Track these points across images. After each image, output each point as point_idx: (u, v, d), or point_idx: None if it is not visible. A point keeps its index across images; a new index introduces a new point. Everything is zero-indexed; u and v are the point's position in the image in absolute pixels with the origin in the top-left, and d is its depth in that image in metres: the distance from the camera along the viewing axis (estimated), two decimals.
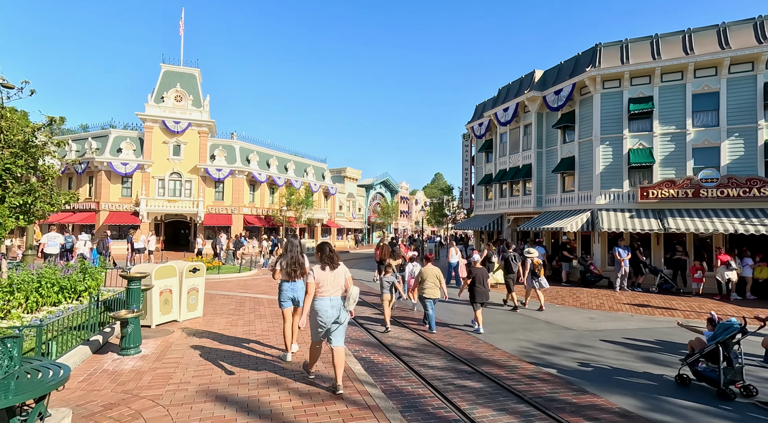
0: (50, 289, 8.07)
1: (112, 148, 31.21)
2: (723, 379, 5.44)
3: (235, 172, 33.94)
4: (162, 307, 8.16)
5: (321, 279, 4.97)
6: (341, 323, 4.99)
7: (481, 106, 25.50)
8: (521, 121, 20.74)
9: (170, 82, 33.01)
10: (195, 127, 32.84)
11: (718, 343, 5.54)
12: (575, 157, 17.83)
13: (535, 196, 19.56)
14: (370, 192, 55.75)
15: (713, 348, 5.60)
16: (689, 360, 5.84)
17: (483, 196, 24.96)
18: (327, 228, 45.11)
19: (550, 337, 8.58)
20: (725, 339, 5.53)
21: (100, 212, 30.61)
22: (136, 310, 5.89)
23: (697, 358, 5.77)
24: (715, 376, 5.55)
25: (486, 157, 24.94)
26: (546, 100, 18.72)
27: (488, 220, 23.07)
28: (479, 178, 25.33)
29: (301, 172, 41.93)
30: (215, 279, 16.12)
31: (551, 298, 13.67)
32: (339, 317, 4.95)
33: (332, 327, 4.95)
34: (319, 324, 4.92)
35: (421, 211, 35.23)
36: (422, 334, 8.48)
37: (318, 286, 4.95)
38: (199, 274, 9.03)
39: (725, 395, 5.40)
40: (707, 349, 5.68)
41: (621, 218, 15.53)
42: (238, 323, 8.65)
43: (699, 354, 5.75)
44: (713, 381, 5.60)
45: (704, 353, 5.70)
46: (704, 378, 5.72)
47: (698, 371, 5.79)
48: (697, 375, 5.82)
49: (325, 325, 4.92)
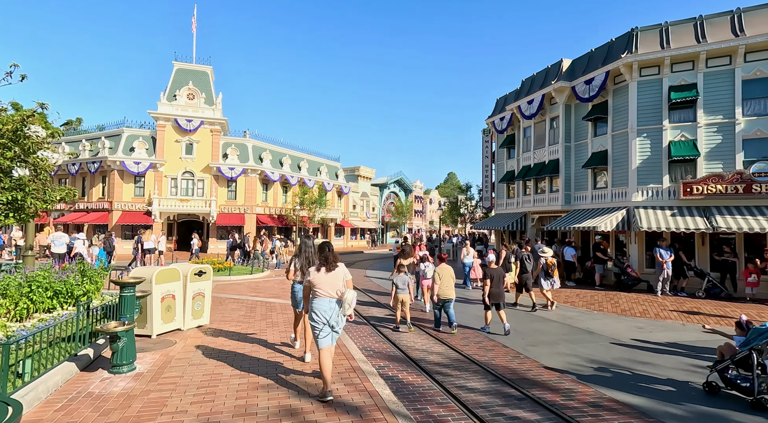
0: (42, 295, 7.32)
1: (125, 147, 30.93)
2: (757, 388, 5.03)
3: (248, 171, 33.38)
4: (164, 315, 7.35)
5: (316, 280, 4.87)
6: (337, 332, 4.93)
7: (502, 99, 24.32)
8: (547, 114, 19.54)
9: (183, 79, 32.61)
10: (207, 126, 32.39)
11: (752, 349, 5.12)
12: (608, 151, 16.58)
13: (562, 193, 18.35)
14: (384, 191, 54.85)
15: (746, 354, 5.18)
16: (719, 367, 5.44)
17: (504, 193, 23.78)
18: (340, 228, 44.35)
19: (599, 350, 7.50)
20: (761, 344, 5.10)
21: (113, 212, 30.34)
22: (128, 321, 5.05)
23: (727, 365, 5.37)
24: (748, 384, 5.15)
25: (507, 153, 23.75)
26: (575, 91, 17.50)
27: (510, 220, 21.90)
28: (500, 175, 24.15)
29: (315, 170, 41.24)
30: (225, 281, 15.37)
31: (587, 303, 12.53)
32: (337, 322, 4.85)
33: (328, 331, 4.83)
34: (317, 324, 4.80)
35: (438, 210, 34.03)
36: (454, 346, 7.49)
37: (315, 286, 4.86)
38: (205, 277, 8.21)
39: (760, 405, 4.95)
40: (739, 355, 5.25)
41: (661, 216, 14.26)
42: (248, 332, 7.79)
43: (729, 360, 5.34)
44: (746, 390, 5.18)
45: (735, 360, 5.28)
46: (735, 386, 5.32)
47: (728, 378, 5.38)
48: (726, 382, 5.41)
49: (323, 324, 4.79)
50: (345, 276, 5.02)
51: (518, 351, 7.39)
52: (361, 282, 16.63)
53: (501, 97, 24.53)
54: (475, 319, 9.81)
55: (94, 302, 8.42)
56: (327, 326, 4.81)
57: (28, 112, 6.73)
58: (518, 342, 8.00)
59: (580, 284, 15.91)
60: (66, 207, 32.78)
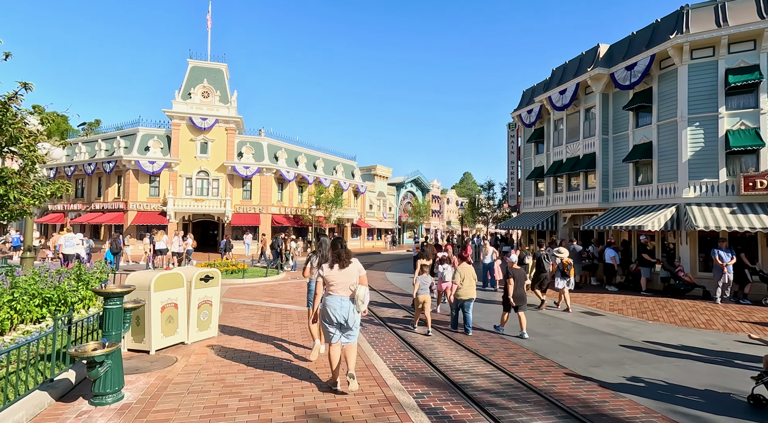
0: (29, 303, 6.43)
1: (140, 147, 30.56)
2: None
3: (263, 170, 32.67)
4: (164, 327, 6.37)
5: (329, 277, 4.79)
6: (352, 329, 4.81)
7: (529, 91, 22.90)
8: (581, 105, 18.10)
9: (197, 77, 32.11)
10: (222, 124, 31.79)
11: None
12: (653, 143, 15.09)
13: (599, 189, 16.90)
14: (400, 191, 53.66)
15: None
16: (765, 379, 4.94)
17: (532, 191, 22.36)
18: (357, 228, 43.38)
19: (682, 374, 6.19)
20: None
21: (128, 212, 29.98)
22: (113, 341, 4.05)
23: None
24: None
25: (536, 148, 22.33)
26: (614, 78, 16.05)
27: (539, 219, 20.49)
28: (527, 171, 22.75)
29: (330, 169, 40.36)
30: (239, 284, 14.46)
31: (638, 311, 11.16)
32: (350, 320, 4.75)
33: (342, 328, 4.78)
34: (329, 322, 4.75)
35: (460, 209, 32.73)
36: (503, 367, 6.29)
37: (327, 283, 4.80)
38: (212, 283, 7.22)
39: None
40: None
41: (719, 214, 12.75)
42: (261, 347, 6.75)
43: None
44: None
45: None
46: None
47: None
48: None
49: (335, 322, 4.73)
50: (359, 272, 4.90)
51: (580, 373, 6.16)
52: (383, 285, 15.52)
53: (528, 89, 23.12)
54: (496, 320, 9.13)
55: (91, 310, 7.56)
56: (338, 325, 4.75)
57: (8, 95, 5.83)
58: (575, 361, 6.76)
59: (622, 289, 14.49)
60: (83, 207, 32.64)
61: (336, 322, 4.72)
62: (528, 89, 23.11)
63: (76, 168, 32.70)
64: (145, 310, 6.18)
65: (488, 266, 14.61)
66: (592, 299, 13.02)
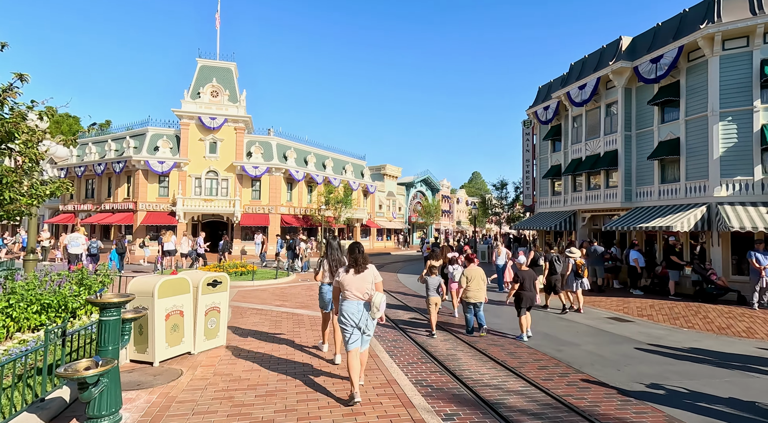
0: (26, 310, 6.03)
1: (150, 147, 30.43)
2: None
3: (272, 170, 32.36)
4: (169, 336, 5.92)
5: (346, 281, 4.78)
6: (368, 334, 4.81)
7: (545, 87, 22.19)
8: (602, 100, 17.38)
9: (206, 77, 31.90)
10: (231, 123, 31.54)
11: None
12: (680, 139, 14.35)
13: (622, 188, 16.18)
14: (410, 190, 53.09)
15: None
16: None
17: (549, 190, 21.66)
18: (366, 228, 42.92)
19: (737, 391, 5.57)
20: None
21: (138, 212, 29.86)
22: (105, 359, 3.59)
23: None
24: None
25: (552, 146, 21.62)
26: (638, 72, 15.32)
27: (556, 219, 19.80)
28: (543, 170, 22.05)
29: (340, 169, 39.95)
30: (248, 287, 14.05)
31: (669, 317, 10.49)
32: (366, 325, 4.74)
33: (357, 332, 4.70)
34: (346, 326, 4.72)
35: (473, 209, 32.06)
36: (537, 383, 5.72)
37: (343, 288, 4.78)
38: (220, 288, 6.76)
39: None
40: None
41: (755, 214, 12.00)
42: (272, 358, 6.27)
43: None
44: None
45: None
46: None
47: None
48: None
49: (352, 326, 4.69)
50: (375, 278, 4.86)
51: (623, 389, 5.57)
52: (396, 287, 15.00)
53: (544, 85, 22.41)
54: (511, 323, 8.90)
55: (94, 316, 7.15)
56: (356, 329, 4.70)
57: (2, 87, 5.42)
58: (614, 375, 6.17)
59: (648, 293, 13.78)
60: (93, 207, 32.63)
61: (354, 325, 4.72)
62: (544, 85, 22.41)
63: (86, 168, 32.70)
64: (148, 319, 5.74)
65: (502, 268, 14.29)
66: (618, 304, 12.36)
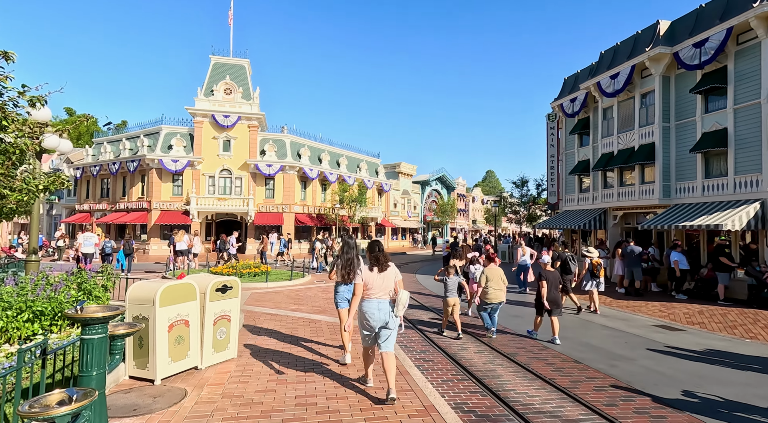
0: (16, 319, 5.39)
1: (163, 145, 30.18)
2: None
3: (286, 168, 31.81)
4: (173, 350, 5.21)
5: (368, 280, 4.69)
6: (390, 329, 4.68)
7: (572, 78, 21.05)
8: (637, 89, 16.23)
9: (220, 74, 31.52)
10: (245, 121, 31.10)
11: None
12: (728, 130, 13.17)
13: (659, 184, 15.03)
14: (425, 189, 52.13)
15: None
16: None
17: (576, 187, 20.52)
18: (381, 227, 42.15)
19: None
20: None
21: (152, 212, 29.63)
22: (84, 391, 2.85)
23: None
24: None
25: (579, 141, 20.48)
26: (679, 58, 14.17)
27: (584, 217, 18.68)
28: (569, 166, 20.92)
29: (354, 167, 39.25)
30: (262, 289, 13.38)
31: (726, 326, 9.43)
32: (387, 323, 4.65)
33: (381, 332, 4.67)
34: (366, 327, 4.73)
35: (494, 207, 30.97)
36: (595, 407, 4.81)
37: (366, 287, 4.68)
38: (231, 294, 6.03)
39: None
40: None
41: None
42: (289, 375, 5.51)
43: None
44: None
45: None
46: None
47: None
48: None
49: (372, 329, 4.70)
50: (396, 276, 4.84)
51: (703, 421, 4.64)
52: (417, 289, 14.15)
53: (570, 76, 21.26)
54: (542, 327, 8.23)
55: None
56: (380, 329, 4.67)
57: None
58: (693, 402, 5.22)
59: (693, 298, 12.64)
60: (108, 207, 32.59)
61: (373, 327, 4.68)
62: (570, 76, 21.26)
63: (101, 167, 32.66)
64: (149, 330, 5.04)
65: (523, 267, 13.75)
66: (661, 309, 11.32)
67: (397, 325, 4.76)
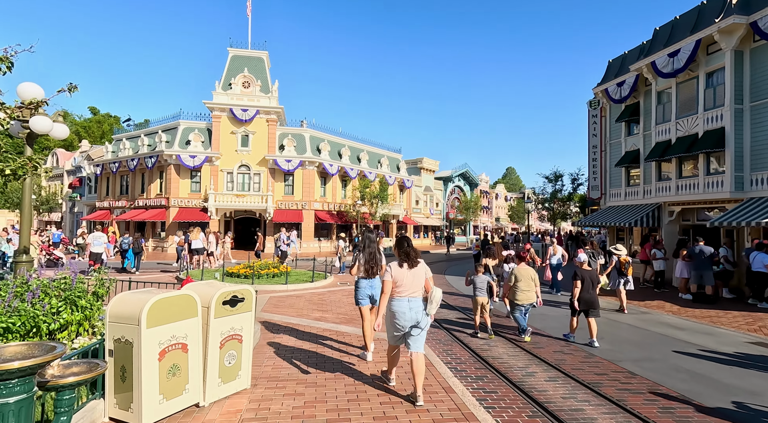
0: None
1: (181, 141, 29.49)
2: None
3: (306, 163, 30.71)
4: (165, 384, 3.94)
5: (398, 277, 4.46)
6: (421, 328, 4.44)
7: (618, 60, 19.09)
8: (701, 68, 14.28)
9: (238, 67, 30.63)
10: (263, 115, 30.12)
11: None
12: None
13: (731, 175, 13.11)
14: (448, 185, 50.40)
15: None
16: None
17: (623, 180, 18.61)
18: (402, 225, 40.71)
19: None
20: None
21: (170, 209, 28.98)
22: None
23: None
24: None
25: (627, 129, 18.55)
26: (759, 27, 12.21)
27: (634, 214, 16.81)
28: (615, 157, 19.01)
29: (375, 163, 37.91)
30: (281, 292, 12.16)
31: None
32: (419, 322, 4.42)
33: (412, 331, 4.44)
34: (396, 327, 4.46)
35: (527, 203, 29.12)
36: None
37: (395, 285, 4.46)
38: (242, 308, 4.73)
39: None
40: None
41: None
42: (318, 413, 4.18)
43: None
44: None
45: None
46: None
47: None
48: None
49: (403, 329, 4.43)
50: (426, 273, 4.60)
51: None
52: (444, 288, 12.69)
53: (616, 58, 19.29)
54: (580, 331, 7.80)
55: (79, 341, 5.35)
56: (411, 327, 4.40)
57: None
58: None
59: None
60: (127, 204, 32.20)
61: (404, 326, 4.43)
62: (616, 58, 19.30)
63: (120, 164, 32.26)
64: (133, 358, 3.78)
65: (556, 267, 12.83)
66: (747, 321, 9.60)
67: (428, 324, 4.52)
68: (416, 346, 4.43)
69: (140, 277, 13.92)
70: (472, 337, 7.65)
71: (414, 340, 4.43)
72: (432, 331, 8.01)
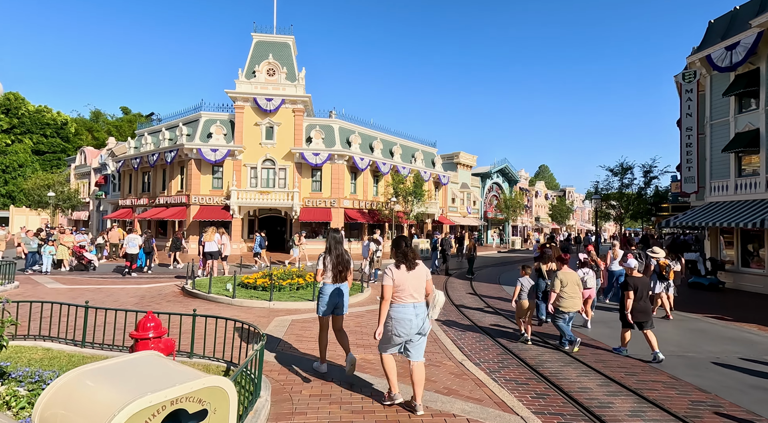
0: None
1: (203, 134, 27.48)
2: None
3: (334, 157, 28.08)
4: None
5: (400, 281, 4.18)
6: (423, 335, 4.26)
7: (724, 19, 15.27)
8: None
9: (262, 53, 28.36)
10: (289, 105, 27.70)
11: None
12: None
13: None
14: (486, 182, 46.74)
15: None
16: None
17: (732, 169, 14.81)
18: (438, 224, 37.51)
19: None
20: None
21: (191, 207, 27.00)
22: None
23: None
24: None
25: (737, 105, 14.74)
26: None
27: (752, 212, 13.06)
28: (721, 140, 15.22)
29: (409, 157, 34.90)
30: (305, 312, 9.27)
31: None
32: (422, 328, 4.20)
33: (414, 338, 4.21)
34: (398, 334, 4.15)
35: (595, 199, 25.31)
36: None
37: (396, 289, 4.17)
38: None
39: None
40: None
41: None
42: None
43: None
44: None
45: None
46: None
47: None
48: None
49: (406, 337, 4.16)
50: (426, 275, 4.33)
51: None
52: (504, 305, 9.51)
53: (721, 18, 15.48)
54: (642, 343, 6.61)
55: None
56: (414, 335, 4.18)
57: None
58: None
59: None
60: (148, 202, 30.59)
61: (407, 334, 4.14)
62: (721, 18, 15.48)
63: (142, 160, 30.69)
64: None
65: (617, 274, 11.10)
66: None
67: (429, 329, 4.30)
68: (418, 355, 4.25)
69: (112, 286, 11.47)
70: (517, 344, 7.13)
71: (416, 349, 4.25)
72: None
